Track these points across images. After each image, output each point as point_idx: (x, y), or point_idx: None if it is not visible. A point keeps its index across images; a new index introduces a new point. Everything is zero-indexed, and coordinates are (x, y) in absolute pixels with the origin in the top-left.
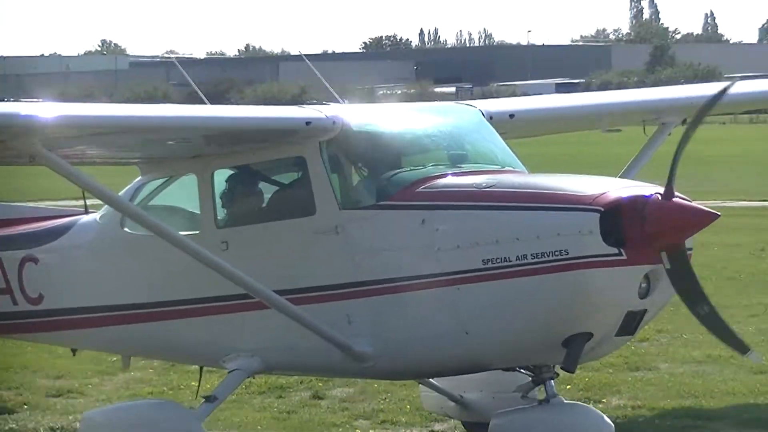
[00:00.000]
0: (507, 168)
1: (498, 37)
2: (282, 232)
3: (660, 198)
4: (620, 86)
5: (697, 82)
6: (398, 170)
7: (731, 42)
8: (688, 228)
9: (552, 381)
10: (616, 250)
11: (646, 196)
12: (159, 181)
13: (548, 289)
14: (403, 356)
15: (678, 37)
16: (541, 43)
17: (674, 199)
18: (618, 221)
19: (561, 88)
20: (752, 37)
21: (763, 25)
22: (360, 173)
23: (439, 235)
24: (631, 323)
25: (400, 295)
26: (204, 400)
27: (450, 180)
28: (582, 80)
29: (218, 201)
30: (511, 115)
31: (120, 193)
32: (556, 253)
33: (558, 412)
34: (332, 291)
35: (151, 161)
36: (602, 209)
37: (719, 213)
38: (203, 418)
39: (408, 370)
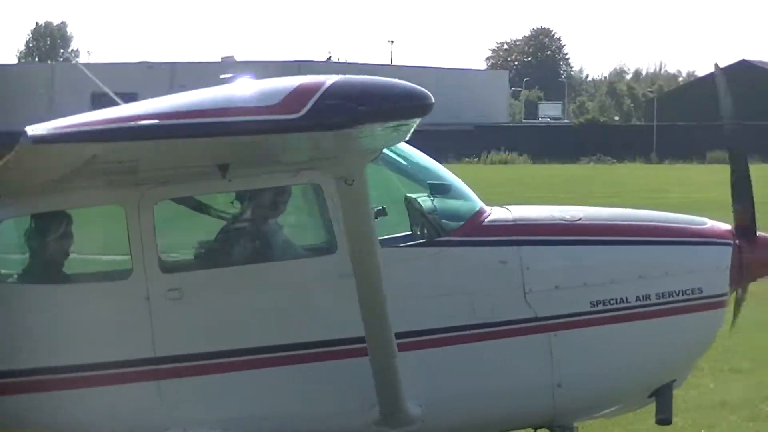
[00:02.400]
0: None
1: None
2: (276, 275)
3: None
4: None
5: None
6: (441, 199)
7: None
8: None
9: None
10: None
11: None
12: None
13: (673, 332)
14: (462, 415)
15: None
16: None
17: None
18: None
19: None
20: None
21: None
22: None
23: (531, 275)
24: None
25: (466, 345)
26: None
27: (510, 214)
28: None
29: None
30: None
31: None
32: (688, 292)
33: None
34: (360, 345)
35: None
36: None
37: None
38: None
39: (460, 430)
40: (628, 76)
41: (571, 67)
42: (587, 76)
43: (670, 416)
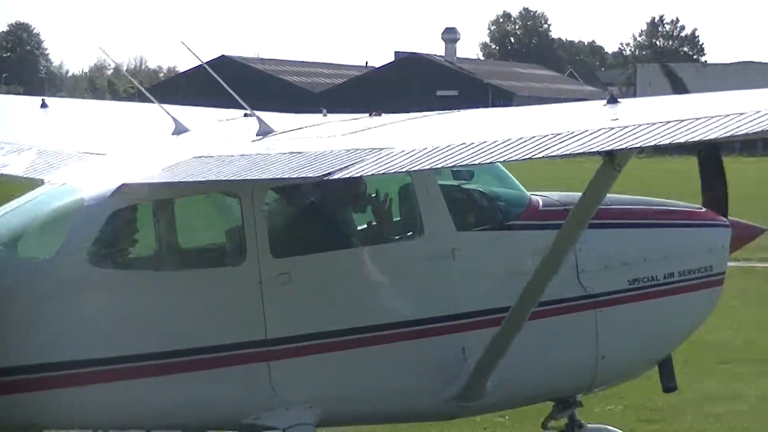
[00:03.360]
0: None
1: None
2: (372, 259)
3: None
4: None
5: None
6: (502, 188)
7: None
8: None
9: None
10: None
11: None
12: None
13: (689, 307)
14: (521, 388)
15: None
16: None
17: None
18: None
19: None
20: None
21: None
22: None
23: (583, 256)
24: None
25: (531, 323)
26: None
27: (557, 200)
28: None
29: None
30: None
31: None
32: (702, 270)
33: None
34: (445, 323)
35: None
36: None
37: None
38: None
39: (515, 402)
40: (109, 71)
41: (51, 62)
42: (67, 72)
43: (676, 383)
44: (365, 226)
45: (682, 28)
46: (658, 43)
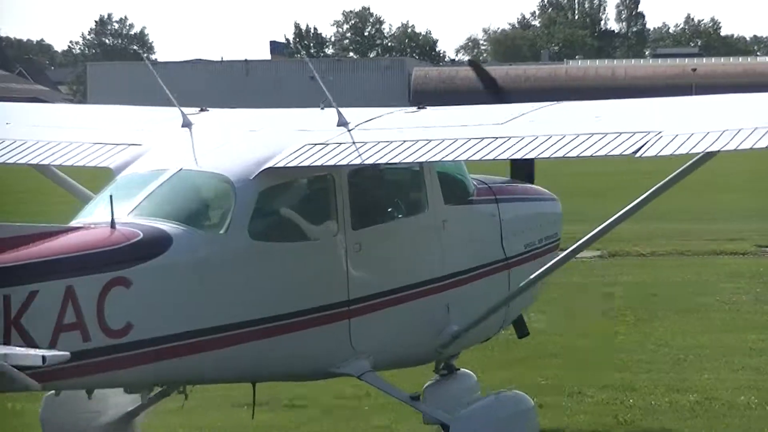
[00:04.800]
0: None
1: None
2: (402, 230)
3: None
4: None
5: None
6: (461, 172)
7: None
8: None
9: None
10: None
11: None
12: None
13: (547, 266)
14: (476, 333)
15: None
16: None
17: None
18: None
19: None
20: None
21: None
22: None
23: (503, 225)
24: None
25: (479, 281)
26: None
27: (484, 179)
28: None
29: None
30: None
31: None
32: (554, 236)
33: (467, 377)
34: (438, 283)
35: None
36: None
37: None
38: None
39: (471, 344)
40: None
41: None
42: None
43: (527, 329)
44: (397, 202)
45: (131, 26)
46: (107, 41)
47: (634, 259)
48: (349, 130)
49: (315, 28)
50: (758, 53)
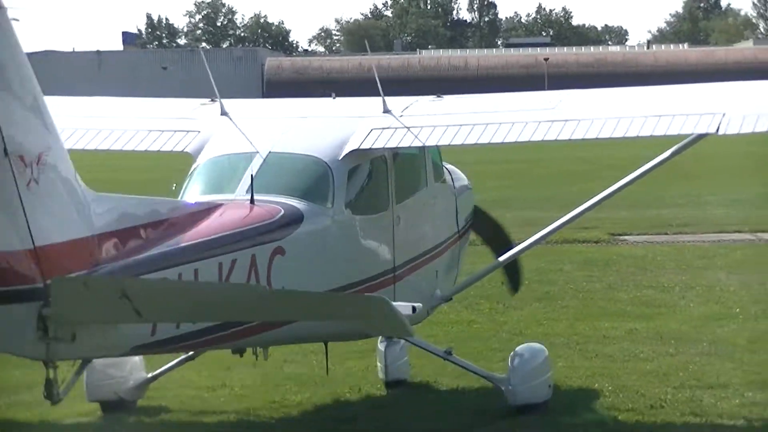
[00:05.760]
0: None
1: None
2: (416, 205)
3: None
4: None
5: None
6: (438, 155)
7: None
8: None
9: None
10: None
11: None
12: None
13: (466, 243)
14: (450, 294)
15: None
16: None
17: None
18: None
19: None
20: None
21: None
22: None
23: (458, 202)
24: None
25: (449, 250)
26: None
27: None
28: None
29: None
30: None
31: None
32: (472, 215)
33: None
34: (433, 252)
35: None
36: None
37: None
38: None
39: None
40: None
41: None
42: None
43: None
44: (414, 181)
45: None
46: None
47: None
48: (399, 116)
49: (167, 19)
50: (609, 42)
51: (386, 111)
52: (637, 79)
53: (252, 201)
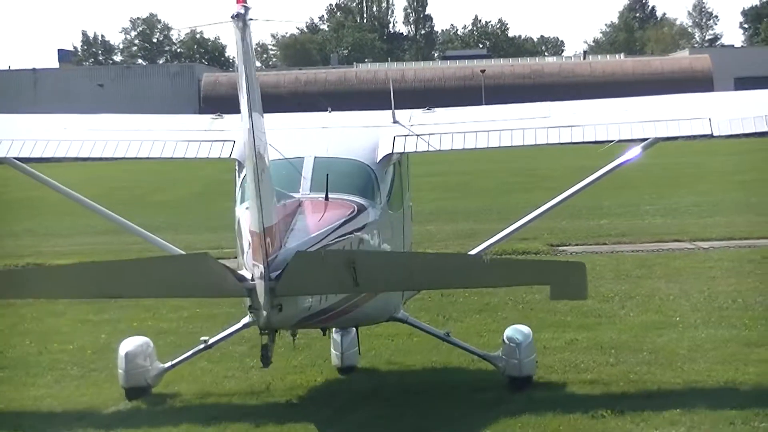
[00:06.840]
0: None
1: None
2: (406, 206)
3: None
4: None
5: None
6: None
7: None
8: None
9: None
10: None
11: None
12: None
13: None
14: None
15: None
16: None
17: None
18: None
19: None
20: None
21: None
22: None
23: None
24: None
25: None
26: None
27: None
28: None
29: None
30: None
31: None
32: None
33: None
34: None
35: None
36: None
37: None
38: None
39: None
40: None
41: None
42: None
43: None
44: (406, 183)
45: None
46: None
47: None
48: (410, 126)
49: (103, 36)
50: (545, 54)
51: (395, 122)
52: (573, 90)
53: (326, 198)
